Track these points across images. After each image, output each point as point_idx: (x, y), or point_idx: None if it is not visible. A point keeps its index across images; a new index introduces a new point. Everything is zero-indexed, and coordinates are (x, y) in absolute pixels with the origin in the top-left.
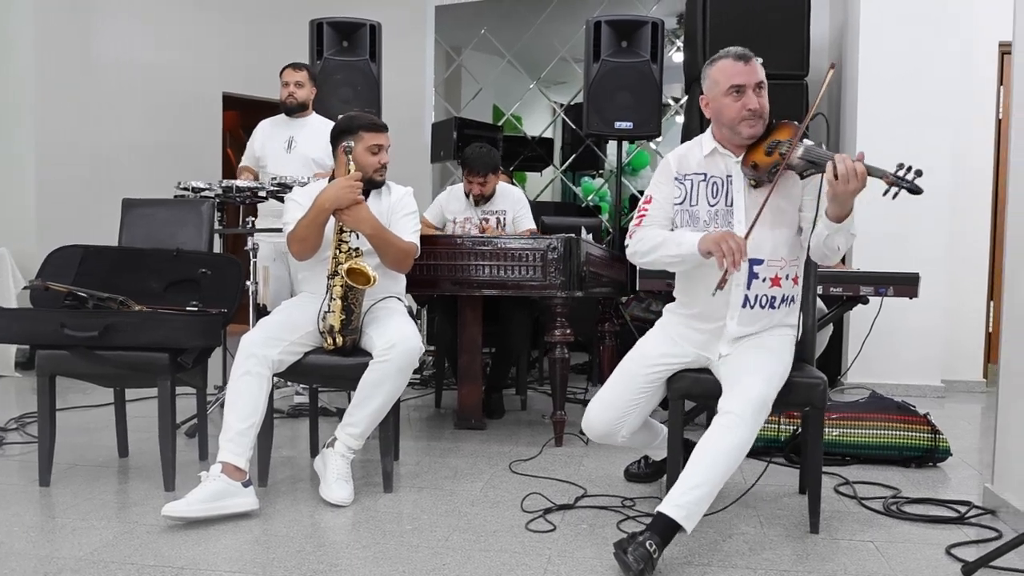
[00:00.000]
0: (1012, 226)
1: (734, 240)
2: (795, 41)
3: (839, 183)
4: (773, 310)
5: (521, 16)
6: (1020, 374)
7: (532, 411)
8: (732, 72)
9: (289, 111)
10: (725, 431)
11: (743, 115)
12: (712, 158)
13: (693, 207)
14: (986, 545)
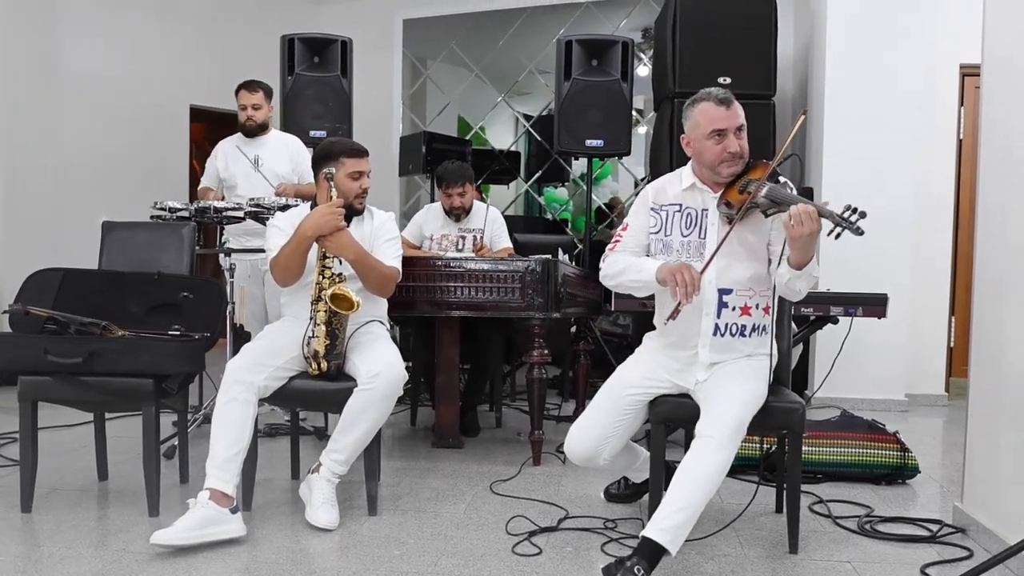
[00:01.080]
0: (982, 247)
1: (688, 273)
2: (763, 61)
3: (794, 226)
4: (744, 338)
5: (487, 30)
6: (988, 396)
7: (507, 428)
8: (714, 116)
9: (249, 133)
10: (704, 455)
11: (724, 157)
12: (690, 191)
13: (667, 237)
14: (958, 564)
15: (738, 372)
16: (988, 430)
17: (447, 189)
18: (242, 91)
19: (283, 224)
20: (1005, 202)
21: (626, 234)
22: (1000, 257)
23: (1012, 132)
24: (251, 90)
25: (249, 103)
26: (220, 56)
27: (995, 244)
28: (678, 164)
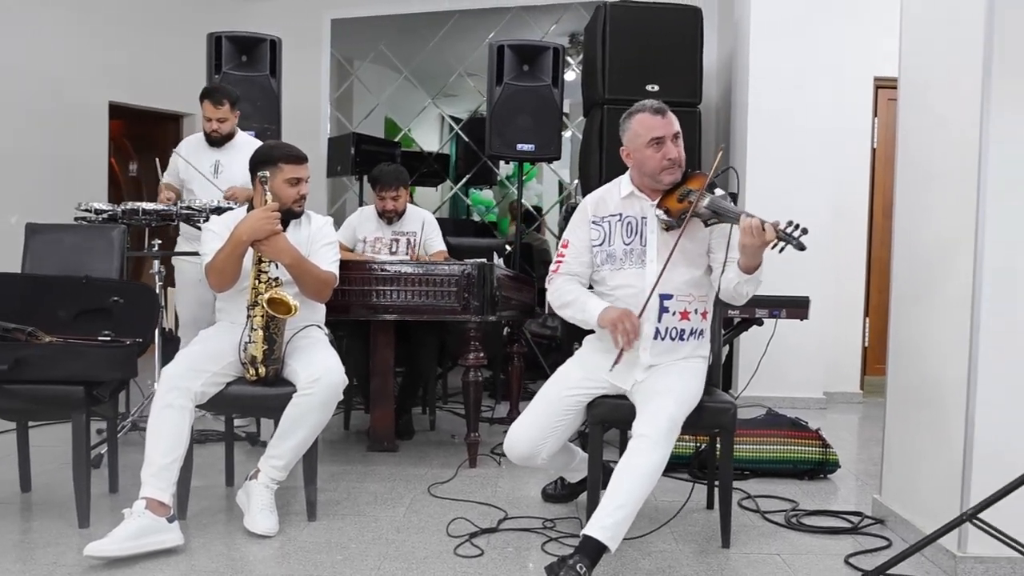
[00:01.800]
0: (899, 252)
1: (630, 322)
2: (689, 70)
3: (744, 236)
4: (683, 342)
5: (416, 32)
6: (905, 393)
7: (441, 431)
8: (651, 125)
9: (214, 143)
10: (641, 454)
11: (664, 165)
12: (629, 200)
13: (611, 247)
14: (878, 554)
15: (674, 372)
16: (904, 426)
17: (381, 192)
18: (206, 103)
19: (218, 228)
20: (921, 209)
21: (568, 252)
22: (916, 262)
23: (927, 142)
24: (216, 103)
25: (214, 116)
26: (143, 52)
27: (911, 249)
28: (607, 169)
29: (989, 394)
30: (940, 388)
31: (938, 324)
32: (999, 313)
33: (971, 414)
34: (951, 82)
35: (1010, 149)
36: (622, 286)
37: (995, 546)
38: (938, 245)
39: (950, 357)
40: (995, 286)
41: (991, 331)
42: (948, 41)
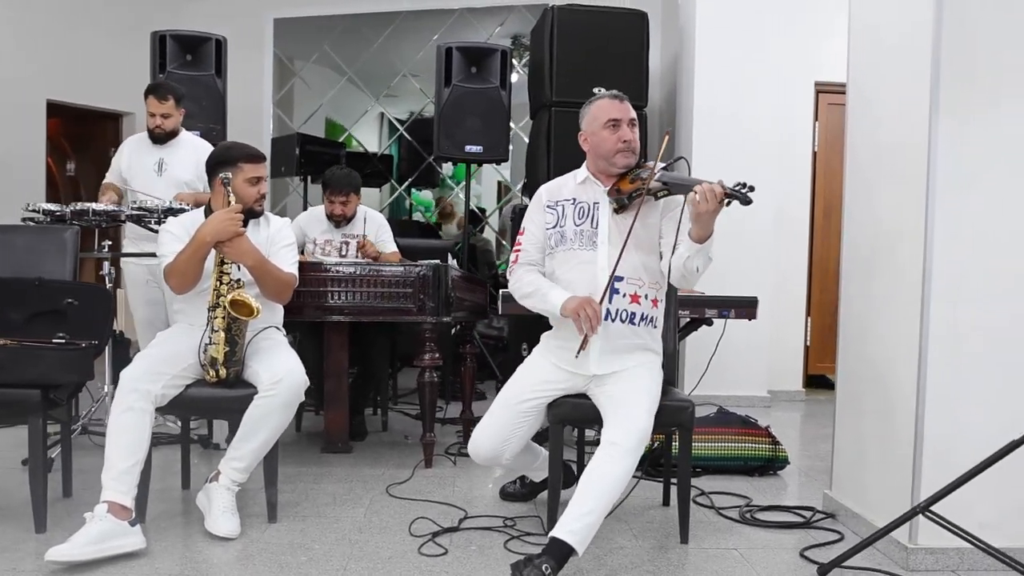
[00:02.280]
0: (847, 252)
1: (591, 308)
2: (635, 73)
3: (699, 202)
4: (634, 326)
5: (359, 32)
6: (853, 391)
7: (393, 431)
8: (609, 108)
9: (157, 140)
10: (611, 462)
11: (619, 147)
12: (584, 186)
13: (563, 228)
14: (831, 547)
15: (638, 377)
16: (854, 423)
17: (332, 196)
18: (151, 98)
19: (176, 230)
20: (869, 210)
21: (525, 240)
22: (864, 261)
23: (875, 144)
24: (161, 98)
25: (159, 112)
26: (81, 50)
27: (859, 250)
28: (555, 170)
29: (938, 391)
30: (890, 385)
31: (887, 322)
32: (947, 312)
33: (921, 411)
34: (899, 87)
35: (957, 151)
36: (574, 267)
37: (944, 538)
38: (887, 245)
39: (900, 355)
40: (943, 285)
41: (940, 329)
42: (896, 48)
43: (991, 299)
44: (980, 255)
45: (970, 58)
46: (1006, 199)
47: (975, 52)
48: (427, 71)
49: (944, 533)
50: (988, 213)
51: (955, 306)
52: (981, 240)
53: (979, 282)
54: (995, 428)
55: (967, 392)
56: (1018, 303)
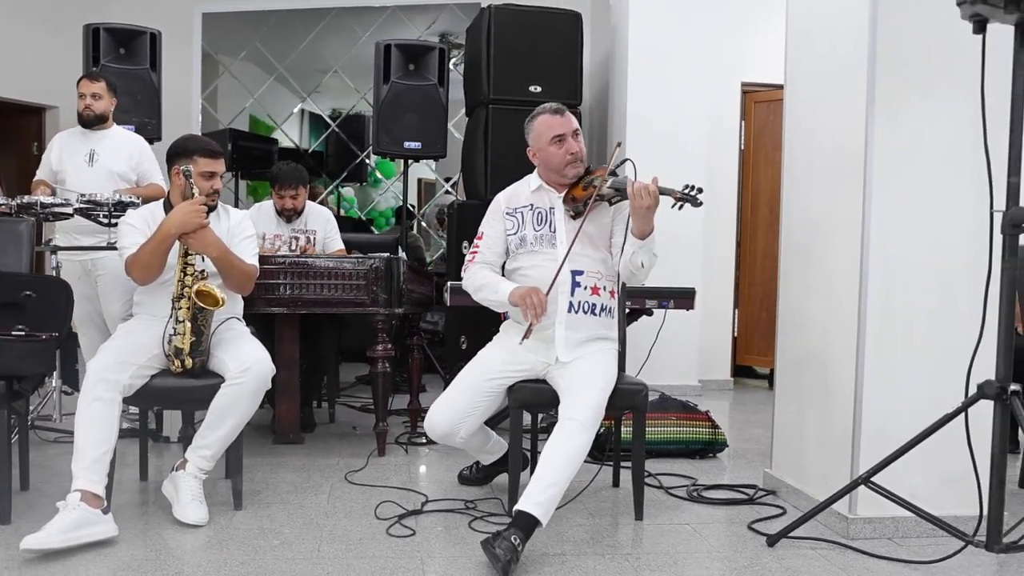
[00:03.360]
0: (786, 245)
1: (537, 296)
2: (570, 72)
3: (635, 199)
4: (595, 316)
5: (288, 27)
6: (792, 374)
7: (340, 423)
8: (552, 124)
9: (87, 124)
10: (569, 436)
11: (567, 159)
12: (538, 193)
13: (523, 232)
14: (776, 520)
15: (595, 359)
16: (792, 405)
17: (280, 191)
18: (83, 80)
19: (136, 222)
20: (807, 203)
21: (483, 244)
22: (803, 252)
23: (813, 141)
24: (92, 79)
25: (89, 91)
26: (12, 43)
27: (797, 242)
28: (493, 167)
29: (874, 372)
30: (828, 369)
31: (826, 309)
32: (882, 298)
33: (859, 391)
34: (837, 88)
35: (891, 146)
36: (536, 266)
37: (881, 508)
38: (823, 237)
39: (839, 340)
40: (878, 273)
41: (876, 315)
42: (832, 49)
43: (922, 286)
44: (911, 244)
45: (903, 59)
46: (934, 191)
47: (907, 53)
48: (357, 68)
49: (880, 503)
50: (918, 204)
51: (889, 293)
52: (912, 230)
53: (911, 270)
54: (925, 405)
55: (900, 373)
56: (946, 288)
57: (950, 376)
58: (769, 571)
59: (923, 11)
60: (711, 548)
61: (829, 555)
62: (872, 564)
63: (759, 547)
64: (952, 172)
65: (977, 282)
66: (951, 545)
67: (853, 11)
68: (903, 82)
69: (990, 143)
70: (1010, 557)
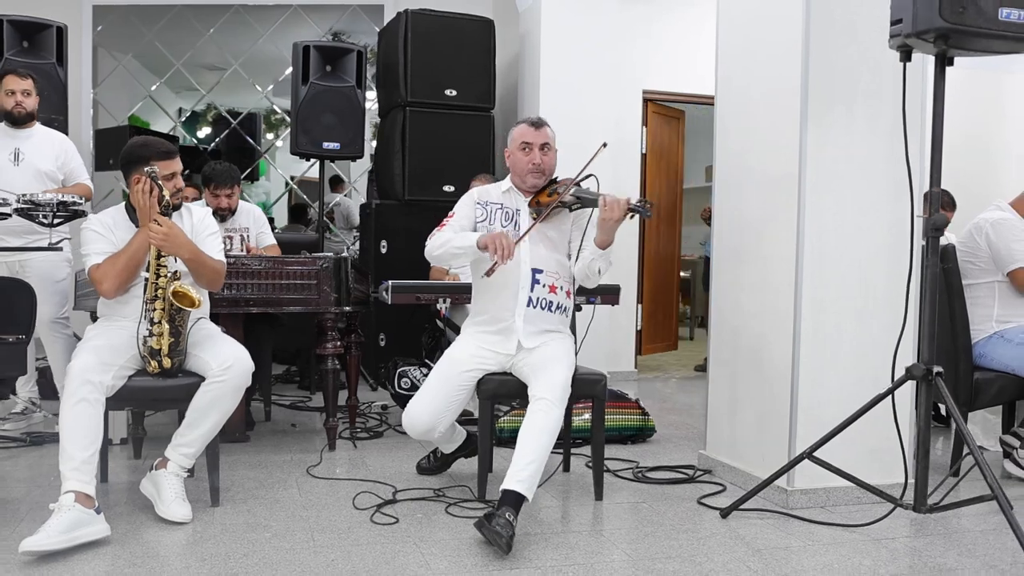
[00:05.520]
0: (718, 240)
1: (505, 239)
2: (483, 76)
3: (605, 210)
4: (551, 313)
5: (185, 23)
6: (727, 365)
7: (276, 420)
8: (525, 133)
9: (17, 122)
10: (543, 414)
11: (529, 168)
12: (508, 194)
13: (491, 227)
14: (719, 495)
15: (554, 346)
16: (727, 391)
17: (216, 190)
18: (10, 76)
19: (100, 228)
20: (740, 204)
21: (453, 220)
22: (734, 252)
23: (745, 147)
24: (21, 76)
25: (19, 88)
26: None
27: (729, 241)
28: (410, 167)
29: (808, 359)
30: (763, 356)
31: (760, 302)
32: (815, 292)
33: (795, 376)
34: (771, 104)
35: (820, 156)
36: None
37: (815, 480)
38: (754, 237)
39: (774, 329)
40: (811, 269)
41: (809, 307)
42: (766, 62)
43: (848, 282)
44: (838, 244)
45: (831, 80)
46: (856, 196)
47: (834, 75)
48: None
49: (815, 476)
50: (843, 208)
51: (820, 289)
52: (838, 231)
53: (837, 266)
54: (851, 388)
55: (830, 360)
56: (869, 284)
57: (871, 362)
58: (729, 539)
59: (846, 40)
60: (672, 522)
61: (776, 523)
62: (815, 529)
63: (714, 519)
64: (873, 182)
65: (896, 278)
66: (876, 511)
67: (785, 33)
68: (830, 104)
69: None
70: (924, 518)
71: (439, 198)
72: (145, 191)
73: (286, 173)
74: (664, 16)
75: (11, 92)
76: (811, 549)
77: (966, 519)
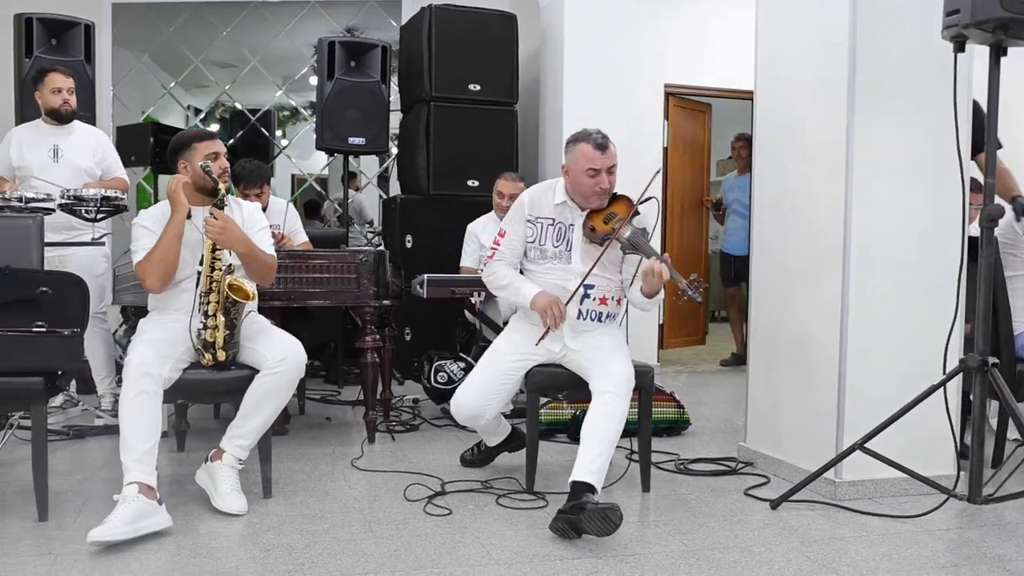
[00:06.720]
0: (758, 235)
1: (558, 308)
2: (506, 72)
3: (648, 276)
4: (599, 323)
5: (203, 19)
6: (766, 353)
7: (310, 414)
8: (592, 157)
9: (64, 119)
10: (609, 408)
11: (595, 192)
12: (562, 207)
13: (542, 246)
14: (764, 487)
15: (607, 339)
16: (768, 382)
17: (246, 189)
18: (55, 74)
19: (150, 224)
20: (780, 198)
21: (504, 244)
22: (775, 242)
23: (788, 144)
24: (65, 74)
25: (65, 86)
26: None
27: (770, 232)
28: (435, 162)
29: (856, 347)
30: (808, 346)
31: (805, 298)
32: (862, 288)
33: (843, 365)
34: (816, 95)
35: (869, 146)
36: (550, 272)
37: (863, 472)
38: (799, 227)
39: (820, 318)
40: (859, 256)
41: (856, 303)
42: (810, 53)
43: (894, 270)
44: (885, 234)
45: (878, 71)
46: (904, 187)
47: (882, 65)
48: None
49: (862, 468)
50: (890, 198)
51: (868, 282)
52: (885, 221)
53: (884, 256)
54: (899, 379)
55: (877, 350)
56: (915, 274)
57: (918, 353)
58: (782, 530)
59: (895, 31)
60: (722, 513)
61: (826, 514)
62: (867, 520)
63: (763, 510)
64: (920, 172)
65: (943, 268)
66: (923, 502)
67: (831, 24)
68: (877, 94)
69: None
70: (974, 510)
71: (463, 192)
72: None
73: (290, 171)
74: (688, 9)
75: (58, 90)
76: (866, 540)
77: (1014, 511)
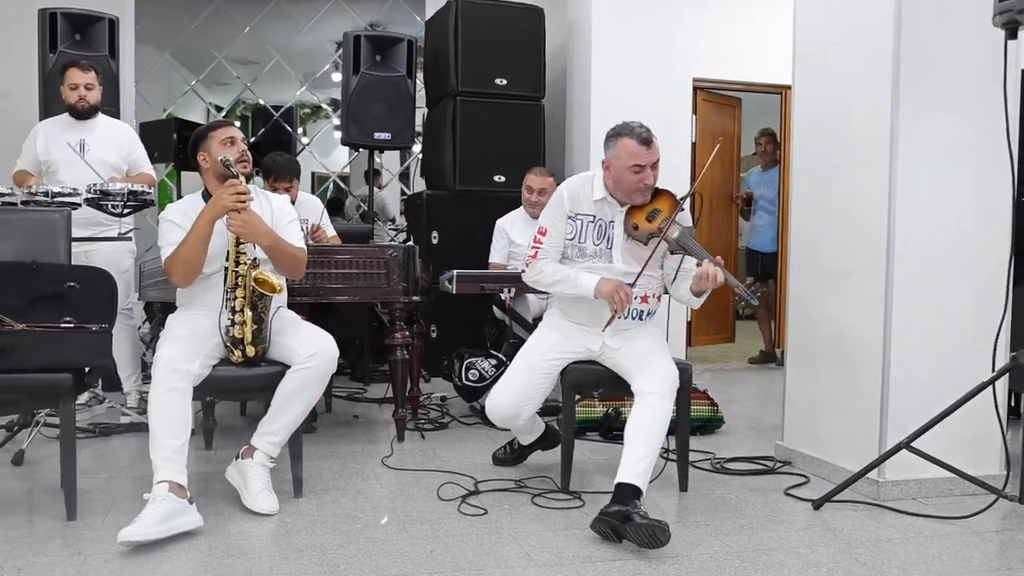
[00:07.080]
0: (796, 231)
1: (624, 292)
2: (533, 66)
3: (701, 279)
4: (640, 321)
5: (226, 15)
6: (803, 351)
7: (336, 412)
8: (636, 152)
9: (82, 115)
10: (653, 409)
11: (639, 188)
12: (601, 203)
13: (582, 243)
14: (804, 487)
15: (647, 339)
16: (807, 380)
17: (275, 182)
18: (73, 70)
19: (178, 218)
20: (818, 191)
21: (545, 240)
22: (813, 238)
23: (830, 139)
24: (84, 69)
25: (82, 82)
26: None
27: (809, 228)
28: (461, 157)
29: (900, 344)
30: (850, 343)
31: (846, 296)
32: (906, 284)
33: (887, 362)
34: (859, 90)
35: (912, 141)
36: (591, 271)
37: (906, 471)
38: (838, 222)
39: (862, 314)
40: (903, 252)
41: (900, 300)
42: (851, 43)
43: (939, 265)
44: (929, 228)
45: (924, 57)
46: (948, 179)
47: (928, 52)
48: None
49: (906, 467)
50: (934, 191)
51: (912, 278)
52: (931, 211)
53: (928, 251)
54: (943, 376)
55: (921, 348)
56: (960, 268)
57: (962, 350)
58: (826, 531)
59: (940, 28)
60: (763, 513)
61: (871, 515)
62: (913, 521)
63: (805, 511)
64: (965, 165)
65: (988, 263)
66: (969, 502)
67: (877, 26)
68: (921, 90)
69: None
70: (1019, 511)
71: (490, 188)
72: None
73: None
74: (718, 1)
75: (75, 86)
76: (915, 541)
77: None
